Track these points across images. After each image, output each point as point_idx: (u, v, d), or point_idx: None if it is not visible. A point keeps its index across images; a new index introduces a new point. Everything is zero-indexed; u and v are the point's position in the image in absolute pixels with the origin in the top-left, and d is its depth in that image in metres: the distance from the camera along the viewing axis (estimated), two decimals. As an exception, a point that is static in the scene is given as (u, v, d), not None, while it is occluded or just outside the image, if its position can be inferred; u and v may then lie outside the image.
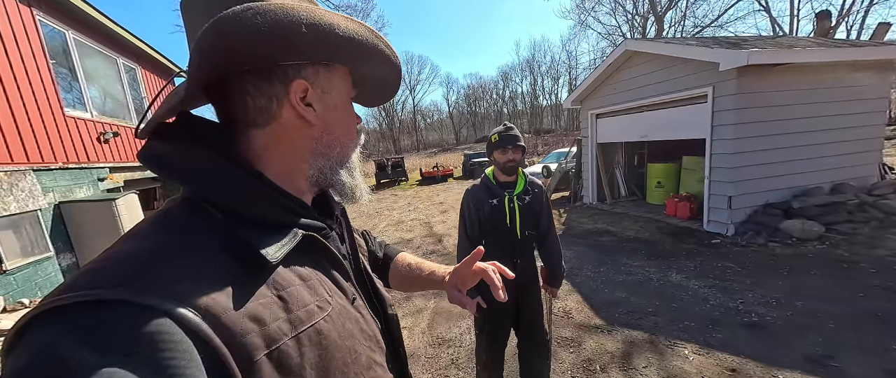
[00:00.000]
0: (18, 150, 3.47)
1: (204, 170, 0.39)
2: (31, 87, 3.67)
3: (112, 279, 0.29)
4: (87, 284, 0.28)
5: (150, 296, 0.29)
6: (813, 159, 4.61)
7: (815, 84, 4.44)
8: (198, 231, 0.36)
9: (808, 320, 2.52)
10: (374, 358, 0.49)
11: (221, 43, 0.36)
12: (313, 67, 0.44)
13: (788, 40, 5.68)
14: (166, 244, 0.34)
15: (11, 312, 2.97)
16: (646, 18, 21.01)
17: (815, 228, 3.94)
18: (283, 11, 0.37)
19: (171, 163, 0.39)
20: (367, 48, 0.45)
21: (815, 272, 3.24)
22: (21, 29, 3.65)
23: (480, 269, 0.68)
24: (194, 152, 0.39)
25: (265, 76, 0.41)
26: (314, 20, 0.39)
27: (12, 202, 3.30)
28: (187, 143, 0.40)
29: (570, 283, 3.51)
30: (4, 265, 3.16)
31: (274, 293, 0.38)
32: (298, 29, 0.38)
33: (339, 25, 0.41)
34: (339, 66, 0.48)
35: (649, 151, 7.43)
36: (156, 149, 0.39)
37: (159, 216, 0.38)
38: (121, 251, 0.33)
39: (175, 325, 0.28)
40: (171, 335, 0.28)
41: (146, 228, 0.36)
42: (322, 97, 0.46)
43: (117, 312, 0.27)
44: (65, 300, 0.27)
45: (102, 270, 0.30)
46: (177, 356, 0.27)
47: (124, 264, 0.31)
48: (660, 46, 5.07)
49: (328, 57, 0.45)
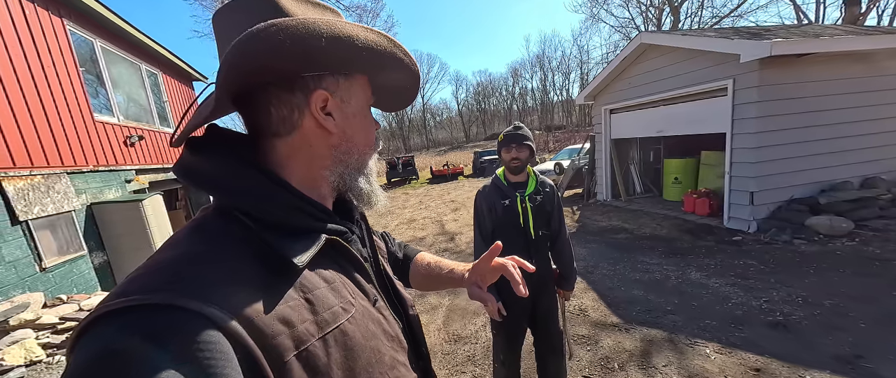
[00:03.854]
0: (53, 153, 3.66)
1: (233, 181, 0.41)
2: (63, 94, 3.87)
3: (156, 285, 0.32)
4: (135, 290, 0.31)
5: (189, 299, 0.31)
6: (841, 153, 4.42)
7: (843, 74, 4.24)
8: (230, 238, 0.39)
9: (837, 320, 2.43)
10: (397, 357, 0.50)
11: (246, 61, 0.38)
12: (333, 77, 0.46)
13: (814, 29, 5.44)
14: (203, 251, 0.36)
15: (51, 308, 3.15)
16: (661, 10, 20.43)
17: (843, 225, 3.79)
18: (305, 27, 0.39)
19: (203, 175, 0.41)
20: (386, 57, 0.47)
21: (845, 270, 3.12)
22: (53, 39, 3.84)
23: (499, 264, 0.67)
24: (223, 164, 0.41)
25: (288, 87, 0.43)
26: (334, 33, 0.40)
27: (49, 203, 3.49)
28: (216, 156, 0.42)
29: (585, 281, 3.48)
30: (44, 263, 3.35)
31: (301, 296, 0.39)
32: (318, 43, 0.39)
33: (357, 37, 0.42)
34: (358, 75, 0.49)
35: (665, 147, 7.25)
36: (188, 162, 0.42)
37: (195, 225, 0.40)
38: (162, 259, 0.36)
39: (214, 327, 0.31)
40: (210, 337, 0.30)
41: (183, 237, 0.39)
42: (341, 106, 0.47)
43: (162, 315, 0.30)
44: (117, 305, 0.30)
45: (147, 276, 0.33)
46: (216, 357, 0.29)
47: (165, 271, 0.34)
48: (676, 39, 4.94)
49: (348, 67, 0.46)
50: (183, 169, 0.42)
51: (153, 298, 0.30)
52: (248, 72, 0.39)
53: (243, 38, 0.37)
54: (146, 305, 0.30)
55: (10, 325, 2.76)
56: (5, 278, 3.01)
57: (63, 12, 4.02)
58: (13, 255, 3.10)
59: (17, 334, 2.73)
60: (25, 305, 2.96)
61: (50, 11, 3.84)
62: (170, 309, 0.30)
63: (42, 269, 3.34)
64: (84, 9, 4.20)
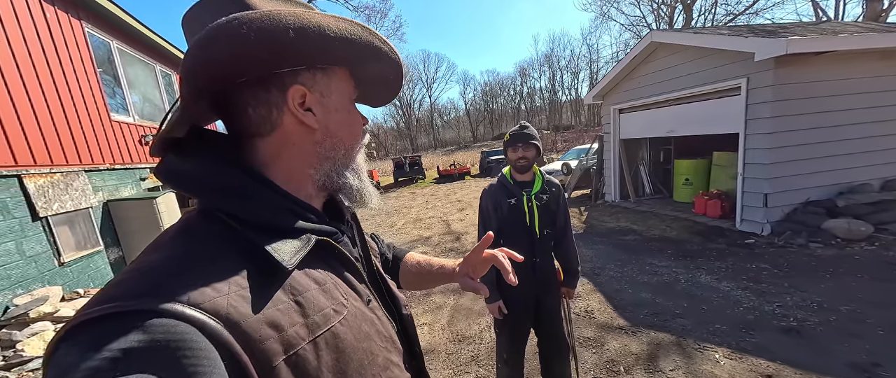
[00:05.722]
0: (72, 152, 3.78)
1: (216, 182, 0.40)
2: (81, 95, 3.99)
3: (138, 291, 0.30)
4: (114, 297, 0.30)
5: (173, 304, 0.30)
6: (860, 154, 4.28)
7: (863, 72, 4.10)
8: (215, 241, 0.38)
9: (853, 326, 2.36)
10: (390, 358, 0.49)
11: (208, 56, 0.36)
12: (310, 72, 0.44)
13: (833, 26, 5.27)
14: (187, 255, 0.35)
15: (69, 301, 3.25)
16: (672, 8, 20.04)
17: (862, 228, 3.66)
18: (269, 18, 0.37)
19: (186, 177, 0.40)
20: (362, 46, 0.45)
21: (863, 275, 3.02)
22: (72, 41, 3.97)
23: (490, 254, 0.67)
24: (207, 166, 0.40)
25: (263, 86, 0.41)
26: (302, 24, 0.38)
27: (68, 200, 3.60)
28: (201, 158, 0.41)
29: (591, 283, 3.44)
30: (62, 258, 3.46)
31: (291, 298, 0.38)
32: (286, 35, 0.37)
33: (328, 26, 0.41)
34: (336, 68, 0.47)
35: (676, 147, 7.12)
36: (171, 165, 0.40)
37: (179, 228, 0.39)
38: (145, 263, 0.34)
39: (198, 332, 0.30)
40: (196, 342, 0.29)
41: (167, 240, 0.38)
42: (321, 101, 0.45)
43: (143, 322, 0.28)
44: (96, 313, 0.28)
45: (129, 282, 0.32)
46: (201, 363, 0.28)
47: (148, 276, 0.32)
48: (689, 37, 4.84)
49: (323, 60, 0.44)
50: (166, 171, 0.40)
51: (134, 305, 0.29)
52: (214, 70, 0.37)
53: (204, 33, 0.36)
54: (126, 312, 0.28)
55: (30, 318, 2.87)
56: (26, 272, 3.12)
57: (82, 15, 4.15)
58: (33, 250, 3.21)
59: (36, 326, 2.83)
60: (45, 299, 3.07)
61: (69, 14, 3.97)
62: (151, 314, 0.29)
63: (61, 264, 3.45)
64: (102, 11, 4.33)
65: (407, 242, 5.85)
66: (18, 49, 3.30)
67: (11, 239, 3.03)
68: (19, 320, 2.82)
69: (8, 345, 2.62)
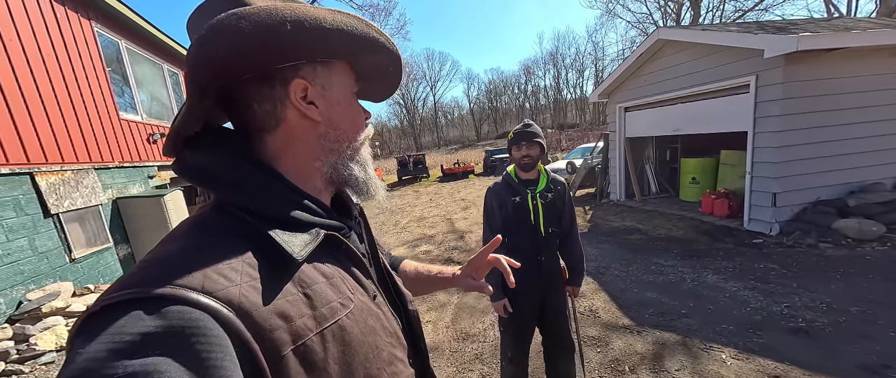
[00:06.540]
0: (82, 150, 3.84)
1: (230, 177, 0.41)
2: (91, 93, 4.05)
3: (155, 279, 0.31)
4: (133, 284, 0.31)
5: (189, 292, 0.31)
6: (873, 153, 4.19)
7: (876, 70, 4.02)
8: (228, 233, 0.39)
9: (864, 327, 2.32)
10: (394, 353, 0.50)
11: (208, 52, 0.37)
12: (310, 66, 0.45)
13: (845, 22, 5.17)
14: (201, 246, 0.36)
15: (80, 296, 3.31)
16: (680, 4, 19.77)
17: (874, 228, 3.60)
18: (266, 12, 0.38)
19: (202, 172, 0.42)
20: (359, 38, 0.46)
21: (874, 276, 2.97)
22: (82, 41, 4.03)
23: (494, 258, 0.72)
24: (220, 159, 0.42)
25: (266, 81, 0.43)
26: (298, 17, 0.39)
27: (78, 198, 3.67)
28: (215, 152, 0.42)
29: (596, 282, 3.43)
30: (73, 254, 3.53)
31: (300, 290, 0.39)
32: (283, 28, 0.38)
33: (324, 19, 0.42)
34: (336, 61, 0.48)
35: (683, 146, 7.04)
36: (187, 160, 0.42)
37: (194, 220, 0.41)
38: (161, 253, 0.36)
39: (212, 319, 0.31)
40: (210, 330, 0.30)
41: (182, 232, 0.39)
42: (323, 94, 0.46)
43: (160, 307, 0.29)
44: (115, 298, 0.30)
45: (147, 270, 0.33)
46: (214, 349, 0.29)
47: (165, 265, 0.34)
48: (696, 34, 4.77)
49: (322, 53, 0.45)
50: (182, 166, 0.42)
51: (151, 292, 0.30)
52: (216, 67, 0.38)
53: (203, 30, 0.37)
54: (144, 298, 0.30)
55: (42, 312, 2.92)
56: (38, 268, 3.18)
57: (91, 14, 4.21)
58: (45, 246, 3.28)
59: (48, 321, 2.89)
60: (56, 294, 3.13)
61: (79, 14, 4.02)
62: (168, 301, 0.30)
63: (71, 260, 3.52)
64: (110, 11, 4.39)
65: (411, 240, 5.87)
66: (30, 49, 3.35)
67: (24, 235, 3.10)
68: (32, 315, 2.88)
69: (21, 339, 2.68)
